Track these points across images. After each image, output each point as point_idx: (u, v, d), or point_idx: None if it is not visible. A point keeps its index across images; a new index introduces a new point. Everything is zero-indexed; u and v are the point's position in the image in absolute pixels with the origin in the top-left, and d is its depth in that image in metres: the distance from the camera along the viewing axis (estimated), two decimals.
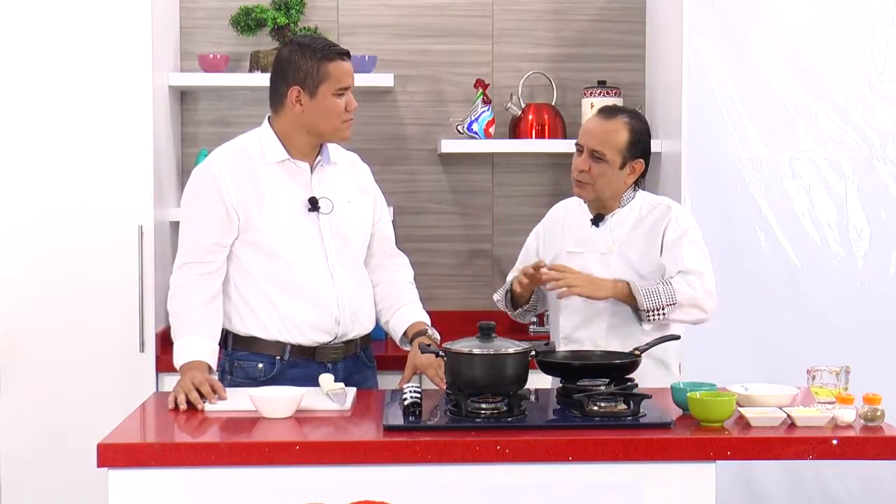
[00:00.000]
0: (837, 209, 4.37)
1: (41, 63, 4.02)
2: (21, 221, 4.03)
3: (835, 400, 2.96)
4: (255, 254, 3.34)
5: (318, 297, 3.36)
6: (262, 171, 3.35)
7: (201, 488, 2.74)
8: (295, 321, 3.35)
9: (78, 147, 4.04)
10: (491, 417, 2.89)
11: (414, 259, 4.69)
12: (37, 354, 4.04)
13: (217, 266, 3.34)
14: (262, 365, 3.36)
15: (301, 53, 3.32)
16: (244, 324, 3.37)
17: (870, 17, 4.36)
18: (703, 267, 3.45)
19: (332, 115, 3.34)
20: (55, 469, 4.03)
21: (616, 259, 3.49)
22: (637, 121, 3.54)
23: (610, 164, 3.46)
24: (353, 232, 3.46)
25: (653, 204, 3.54)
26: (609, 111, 3.58)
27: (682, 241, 3.45)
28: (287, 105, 3.34)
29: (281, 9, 4.50)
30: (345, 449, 2.75)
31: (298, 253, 3.35)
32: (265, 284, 3.35)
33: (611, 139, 3.46)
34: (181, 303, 3.33)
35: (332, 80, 3.32)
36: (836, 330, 4.31)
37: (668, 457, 2.77)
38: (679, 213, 3.52)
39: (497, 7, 4.71)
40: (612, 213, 3.53)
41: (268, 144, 3.37)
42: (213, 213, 3.32)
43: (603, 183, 3.48)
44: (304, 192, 3.37)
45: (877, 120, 4.37)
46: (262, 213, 3.32)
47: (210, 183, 3.33)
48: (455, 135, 4.57)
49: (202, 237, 3.33)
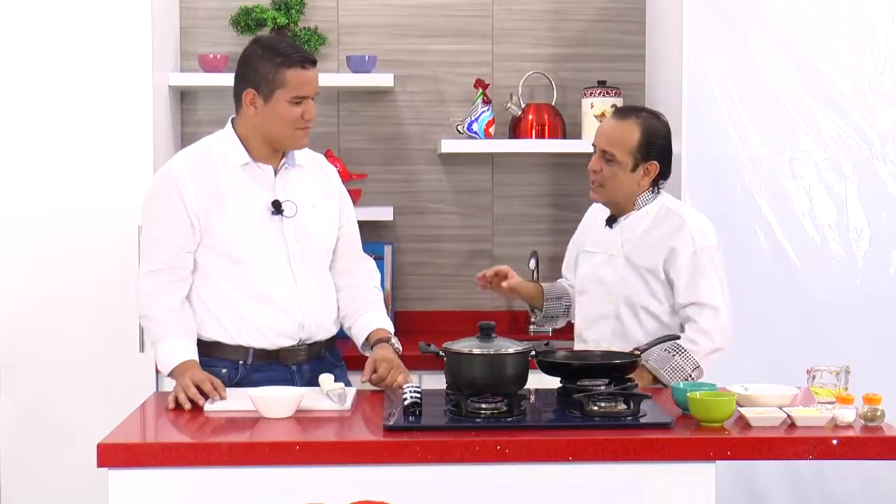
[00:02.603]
0: (837, 209, 4.37)
1: (41, 63, 4.02)
2: (21, 221, 4.04)
3: (835, 400, 2.96)
4: (215, 258, 3.30)
5: (280, 302, 3.32)
6: (223, 175, 3.30)
7: (201, 488, 2.74)
8: (257, 326, 3.32)
9: (78, 147, 4.05)
10: (491, 417, 2.89)
11: (414, 259, 4.73)
12: (37, 354, 4.04)
13: (186, 273, 3.30)
14: (225, 370, 3.31)
15: (262, 56, 3.27)
16: (206, 329, 3.33)
17: (870, 17, 4.36)
18: (719, 300, 3.40)
19: (286, 122, 3.27)
20: (55, 469, 4.03)
21: (622, 262, 3.48)
22: (653, 121, 3.48)
23: (621, 166, 3.43)
24: (317, 235, 3.41)
25: (669, 210, 3.48)
26: (624, 111, 3.55)
27: (698, 268, 3.39)
28: (243, 107, 3.30)
29: (281, 9, 4.50)
30: (345, 449, 2.75)
31: (260, 257, 3.31)
32: (227, 289, 3.31)
33: (621, 140, 3.43)
34: (155, 309, 3.29)
35: (289, 87, 3.25)
36: (836, 330, 4.30)
37: (668, 457, 2.77)
38: (695, 229, 3.44)
39: (497, 7, 4.71)
40: (626, 216, 3.51)
41: (229, 147, 3.32)
42: (175, 218, 3.27)
43: (615, 184, 3.45)
44: (267, 195, 3.32)
45: (877, 120, 4.37)
46: (222, 217, 3.27)
47: (171, 188, 3.28)
48: (455, 135, 4.57)
49: (168, 243, 3.28)
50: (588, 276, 3.56)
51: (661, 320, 3.46)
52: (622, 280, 3.46)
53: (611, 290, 3.49)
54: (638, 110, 3.55)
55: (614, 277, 3.47)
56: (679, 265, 3.41)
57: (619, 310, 3.47)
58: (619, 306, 3.47)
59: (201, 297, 3.33)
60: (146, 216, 3.38)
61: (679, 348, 3.36)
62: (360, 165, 4.66)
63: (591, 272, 3.55)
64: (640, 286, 3.45)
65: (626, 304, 3.47)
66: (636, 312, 3.46)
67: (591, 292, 3.55)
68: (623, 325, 3.47)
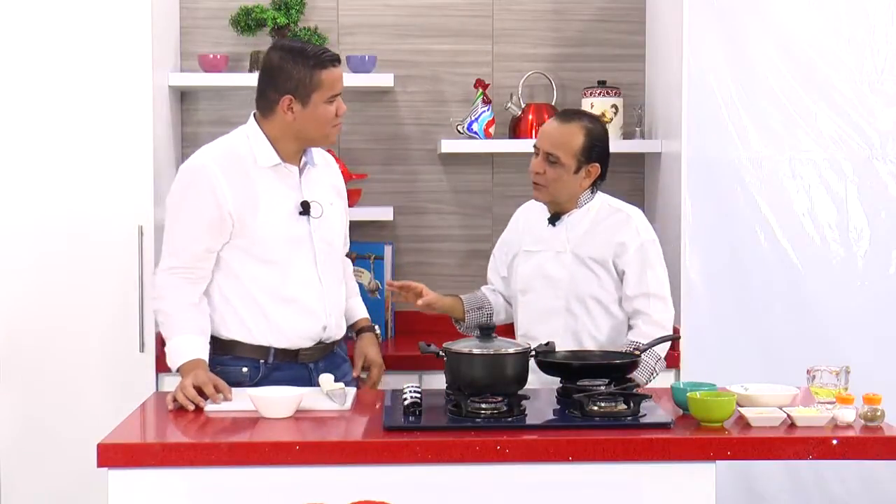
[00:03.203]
0: (837, 209, 4.37)
1: (41, 63, 4.01)
2: (21, 221, 4.03)
3: (835, 400, 2.96)
4: (245, 259, 3.31)
5: (306, 304, 3.35)
6: (255, 175, 3.31)
7: (201, 488, 2.74)
8: (282, 327, 3.33)
9: (78, 147, 4.04)
10: (491, 417, 2.89)
11: (414, 259, 4.72)
12: (37, 354, 4.04)
13: (205, 273, 3.31)
14: (246, 369, 3.33)
15: (293, 61, 3.28)
16: (227, 328, 3.34)
17: (870, 17, 4.35)
18: (666, 290, 3.56)
19: (323, 122, 3.31)
20: (55, 469, 4.03)
21: (570, 258, 3.56)
22: (594, 125, 3.60)
23: (565, 168, 3.53)
24: (336, 235, 3.45)
25: (613, 208, 3.61)
26: (567, 115, 3.65)
27: (649, 259, 3.53)
28: (278, 112, 3.30)
29: (281, 9, 4.49)
30: (345, 449, 2.75)
31: (290, 258, 3.32)
32: (254, 290, 3.31)
33: (566, 143, 3.53)
34: (170, 304, 3.29)
35: (325, 88, 3.28)
36: (836, 330, 4.30)
37: (668, 457, 2.77)
38: (639, 223, 3.58)
39: (497, 7, 4.71)
40: (569, 214, 3.60)
41: (259, 148, 3.32)
42: (206, 218, 3.26)
43: (558, 185, 3.55)
44: (294, 195, 3.34)
45: (877, 120, 4.36)
46: (257, 218, 3.28)
47: (205, 186, 3.27)
48: (455, 135, 4.57)
49: (193, 244, 3.28)
50: (532, 274, 3.62)
51: (610, 311, 3.55)
52: (571, 275, 3.55)
53: (559, 285, 3.56)
54: (580, 114, 3.67)
55: (562, 273, 3.55)
56: (628, 258, 3.52)
57: (569, 304, 3.55)
58: (569, 301, 3.55)
59: (226, 296, 3.33)
60: (173, 212, 3.34)
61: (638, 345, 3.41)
62: (360, 165, 4.66)
63: (536, 270, 3.61)
64: (590, 278, 3.54)
65: (575, 299, 3.54)
66: (586, 305, 3.54)
67: (538, 289, 3.60)
68: (575, 319, 3.54)
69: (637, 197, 4.59)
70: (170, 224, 3.35)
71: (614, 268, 3.53)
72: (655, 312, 3.50)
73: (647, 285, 3.51)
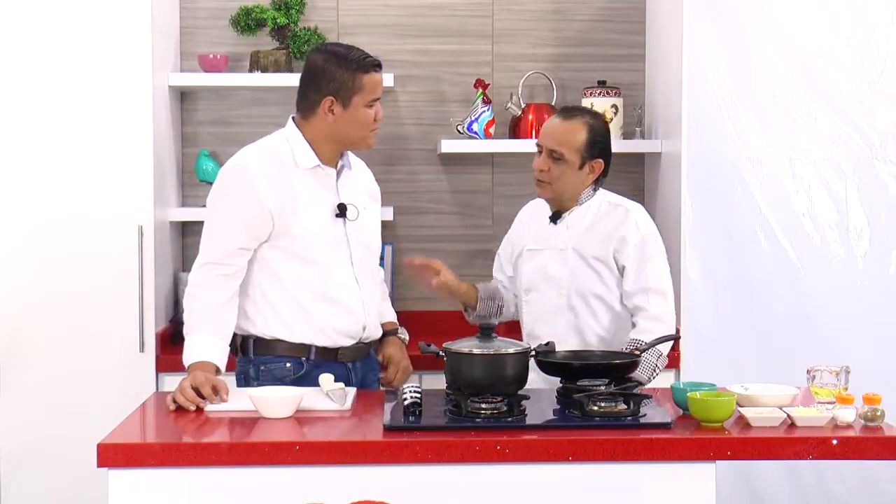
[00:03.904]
0: (837, 209, 4.37)
1: (41, 63, 4.02)
2: (21, 222, 4.03)
3: (835, 400, 2.96)
4: (286, 259, 3.33)
5: (346, 304, 3.38)
6: (294, 177, 3.34)
7: (201, 488, 2.74)
8: (322, 326, 3.36)
9: (78, 147, 4.04)
10: (491, 417, 2.89)
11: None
12: (37, 354, 4.04)
13: (238, 269, 3.32)
14: (289, 364, 3.35)
15: (337, 64, 3.32)
16: (269, 327, 3.36)
17: (870, 17, 4.35)
18: (667, 284, 3.54)
19: (363, 125, 3.36)
20: (55, 469, 4.03)
21: (572, 255, 3.55)
22: (596, 121, 3.59)
23: (569, 164, 3.53)
24: (372, 238, 3.51)
25: (613, 204, 3.60)
26: (568, 111, 3.64)
27: (648, 254, 3.51)
28: (319, 114, 3.34)
29: (281, 9, 4.49)
30: (345, 449, 2.75)
31: (329, 259, 3.36)
32: (295, 289, 3.34)
33: (569, 139, 3.52)
34: (197, 301, 3.31)
35: (366, 91, 3.33)
36: (836, 330, 4.30)
37: (668, 457, 2.77)
38: (639, 218, 3.57)
39: (497, 7, 4.71)
40: (570, 211, 3.59)
41: (299, 150, 3.36)
42: (245, 217, 3.30)
43: (562, 183, 3.55)
44: (332, 197, 3.38)
45: (877, 120, 4.36)
46: (297, 219, 3.31)
47: (247, 186, 3.30)
48: (455, 135, 4.57)
49: (228, 241, 3.30)
50: (535, 272, 3.62)
51: (613, 308, 3.54)
52: (572, 273, 3.54)
53: (560, 283, 3.56)
54: (581, 111, 3.67)
55: (563, 271, 3.55)
56: (628, 252, 3.51)
57: (571, 302, 3.54)
58: (571, 298, 3.54)
59: (266, 295, 3.35)
60: (213, 209, 3.38)
61: (638, 343, 3.40)
62: None
63: (539, 269, 3.61)
64: (591, 276, 3.53)
65: (578, 296, 3.54)
66: (588, 302, 3.53)
67: (541, 288, 3.60)
68: (577, 317, 3.53)
69: (637, 197, 4.56)
70: (207, 222, 3.40)
71: (615, 263, 3.52)
72: (654, 307, 3.48)
73: (646, 280, 3.49)
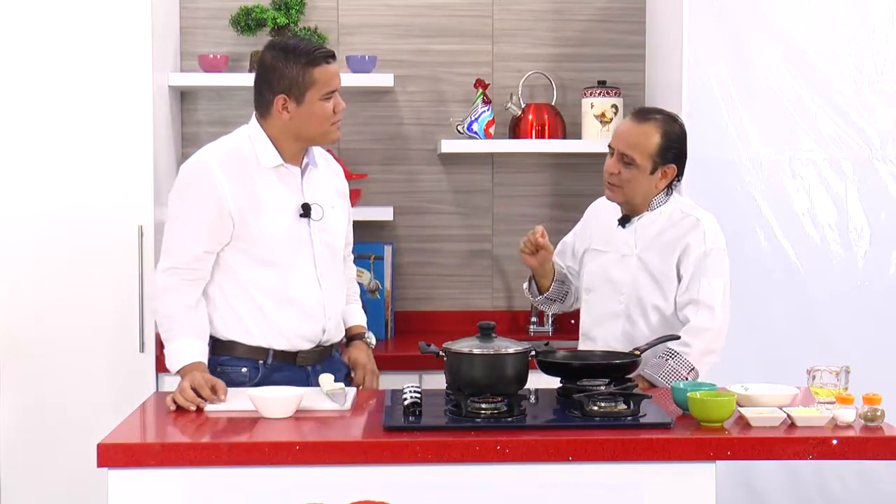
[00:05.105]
0: (837, 209, 4.37)
1: (41, 63, 4.02)
2: (21, 221, 4.04)
3: (835, 400, 2.96)
4: (246, 260, 3.29)
5: (306, 307, 3.34)
6: (257, 176, 3.29)
7: (201, 488, 2.74)
8: (282, 329, 3.32)
9: (78, 147, 4.04)
10: (491, 417, 2.89)
11: (414, 259, 4.72)
12: (37, 354, 4.04)
13: (204, 273, 3.29)
14: (245, 370, 3.32)
15: (286, 60, 3.25)
16: (227, 328, 3.33)
17: (870, 17, 4.35)
18: (718, 300, 3.41)
19: (321, 119, 3.28)
20: (55, 469, 4.03)
21: (635, 262, 3.48)
22: (672, 124, 3.48)
23: (640, 169, 3.42)
24: (337, 238, 3.43)
25: (684, 213, 3.49)
26: (643, 113, 3.52)
27: (704, 267, 3.41)
28: (274, 113, 3.28)
29: (281, 9, 4.50)
30: (345, 449, 2.75)
31: (291, 261, 3.31)
32: (254, 292, 3.30)
33: (641, 143, 3.42)
34: (169, 306, 3.27)
35: (319, 85, 3.25)
36: (836, 330, 4.30)
37: (668, 457, 2.77)
38: (708, 229, 3.45)
39: (497, 7, 4.71)
40: (640, 216, 3.50)
41: (261, 148, 3.30)
42: (206, 218, 3.25)
43: (632, 187, 3.44)
44: (295, 197, 3.33)
45: (877, 120, 4.36)
46: (258, 220, 3.26)
47: (206, 187, 3.25)
48: (455, 135, 4.57)
49: (193, 245, 3.26)
50: (597, 274, 3.56)
51: (670, 322, 3.45)
52: (634, 280, 3.46)
53: (622, 289, 3.49)
54: (656, 112, 3.53)
55: (626, 277, 3.48)
56: (689, 263, 3.42)
57: (629, 309, 3.47)
58: (629, 306, 3.47)
59: (226, 296, 3.32)
60: (174, 212, 3.32)
61: (672, 352, 3.36)
62: (360, 165, 4.66)
63: (601, 271, 3.54)
64: (652, 287, 3.46)
65: (636, 304, 3.47)
66: (646, 312, 3.46)
67: (601, 291, 3.54)
68: (633, 326, 3.47)
69: None
70: (169, 223, 3.34)
71: (676, 272, 3.43)
72: (698, 320, 3.37)
73: (697, 292, 3.38)
